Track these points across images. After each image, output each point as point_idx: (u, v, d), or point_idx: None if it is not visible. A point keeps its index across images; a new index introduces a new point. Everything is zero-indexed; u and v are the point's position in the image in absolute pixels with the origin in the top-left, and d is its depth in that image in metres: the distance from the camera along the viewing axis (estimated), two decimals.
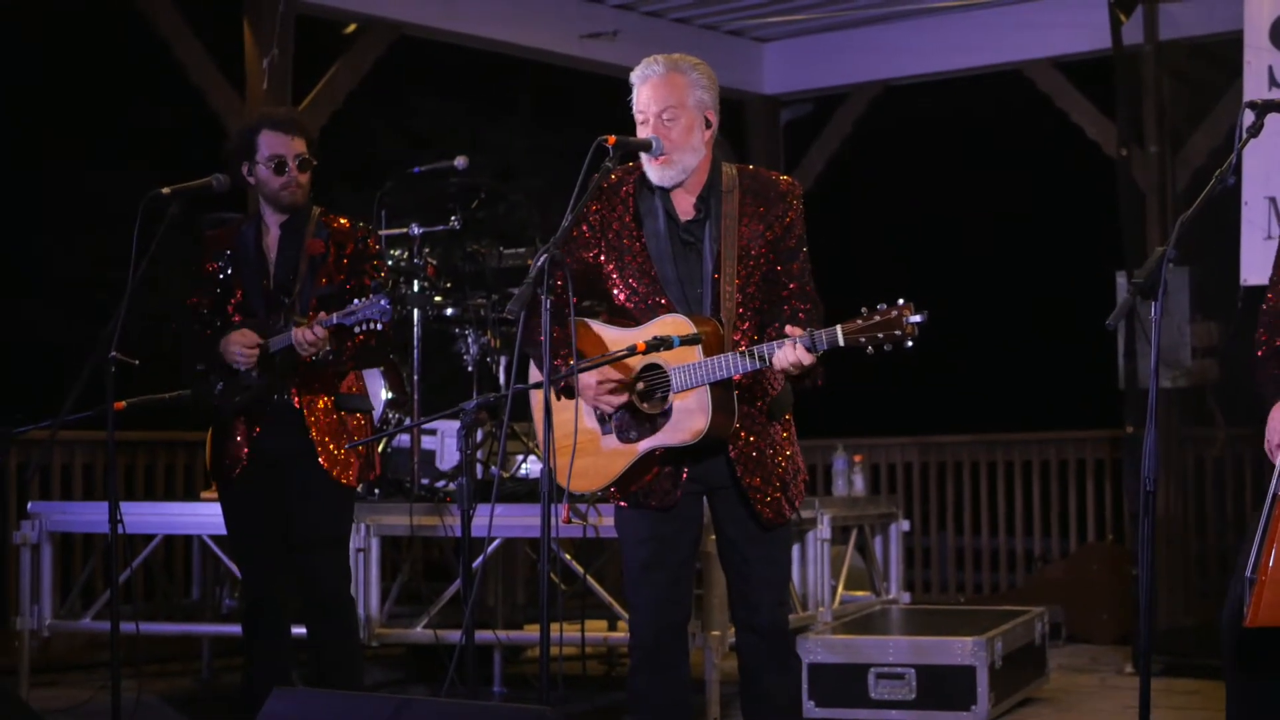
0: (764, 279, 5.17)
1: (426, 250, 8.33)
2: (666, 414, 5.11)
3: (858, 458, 9.70)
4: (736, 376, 5.03)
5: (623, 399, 5.15)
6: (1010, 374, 17.78)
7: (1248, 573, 4.53)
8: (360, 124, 14.13)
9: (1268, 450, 4.79)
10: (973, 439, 12.43)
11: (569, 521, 7.10)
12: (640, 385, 5.15)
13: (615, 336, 5.23)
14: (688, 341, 4.98)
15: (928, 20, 11.40)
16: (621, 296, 5.23)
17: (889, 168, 16.56)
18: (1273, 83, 8.35)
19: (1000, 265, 17.31)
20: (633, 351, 4.98)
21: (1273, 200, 8.45)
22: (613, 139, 4.98)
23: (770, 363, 4.91)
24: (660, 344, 4.95)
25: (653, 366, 5.12)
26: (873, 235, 17.93)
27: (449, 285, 8.42)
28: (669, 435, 5.11)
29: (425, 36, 10.49)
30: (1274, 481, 4.61)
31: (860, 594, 9.48)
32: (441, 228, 8.31)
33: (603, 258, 5.25)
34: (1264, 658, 4.85)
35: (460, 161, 8.11)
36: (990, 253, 17.41)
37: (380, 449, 7.85)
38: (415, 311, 8.14)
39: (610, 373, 5.13)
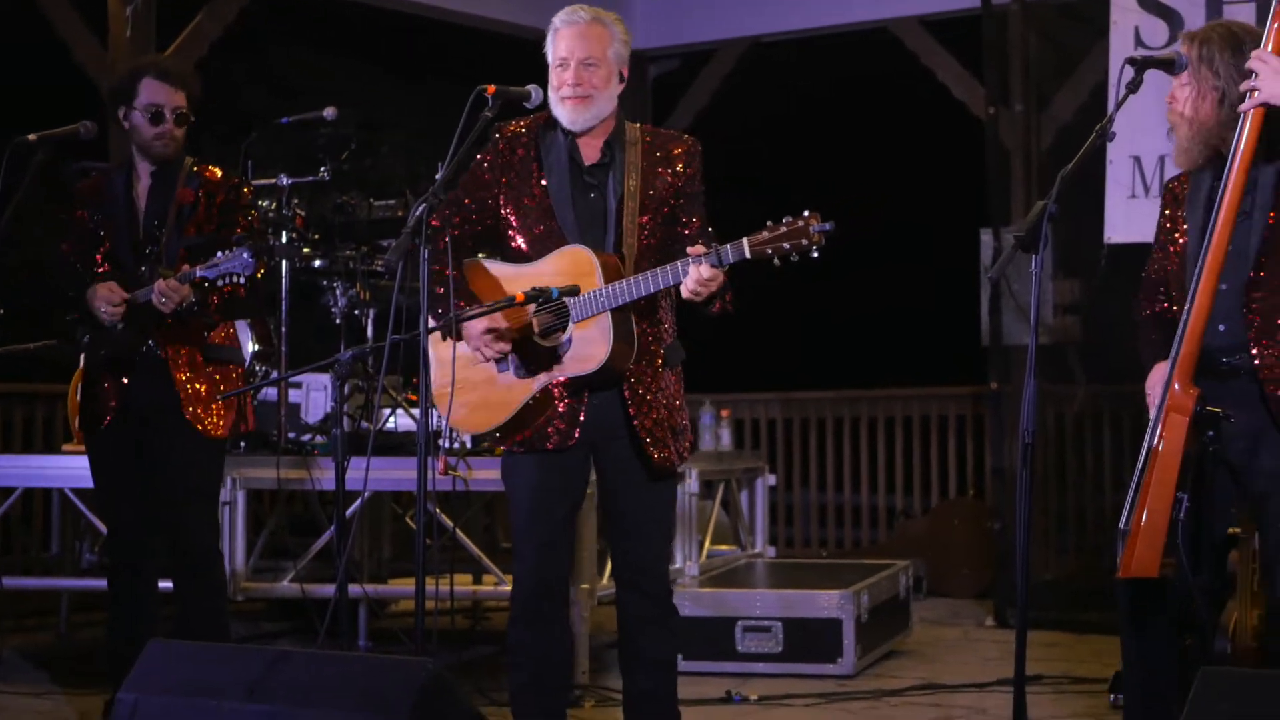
0: (665, 221, 5.22)
1: (295, 201, 8.24)
2: (567, 346, 5.11)
3: (724, 413, 9.72)
4: (641, 299, 5.02)
5: (506, 347, 5.15)
6: (873, 331, 17.91)
7: (1121, 524, 4.60)
8: (224, 74, 13.94)
9: (1149, 406, 4.85)
10: (836, 395, 12.50)
11: (445, 474, 7.08)
12: (537, 323, 5.14)
13: (511, 274, 5.24)
14: (566, 293, 4.99)
15: None
16: (520, 240, 5.24)
17: (757, 125, 16.59)
18: (1139, 42, 8.45)
19: (866, 223, 17.43)
20: (511, 302, 4.97)
21: (1137, 159, 8.57)
22: (492, 88, 4.99)
23: (675, 282, 4.92)
24: (539, 294, 4.95)
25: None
26: (739, 193, 17.97)
27: (317, 237, 8.34)
28: (570, 366, 5.13)
29: None
30: (1146, 437, 4.68)
31: (725, 548, 9.53)
32: (310, 179, 8.22)
33: (502, 199, 5.25)
34: (1155, 612, 4.91)
35: (329, 112, 8.03)
36: (856, 210, 17.52)
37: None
38: (283, 263, 8.06)
39: (499, 320, 5.13)
